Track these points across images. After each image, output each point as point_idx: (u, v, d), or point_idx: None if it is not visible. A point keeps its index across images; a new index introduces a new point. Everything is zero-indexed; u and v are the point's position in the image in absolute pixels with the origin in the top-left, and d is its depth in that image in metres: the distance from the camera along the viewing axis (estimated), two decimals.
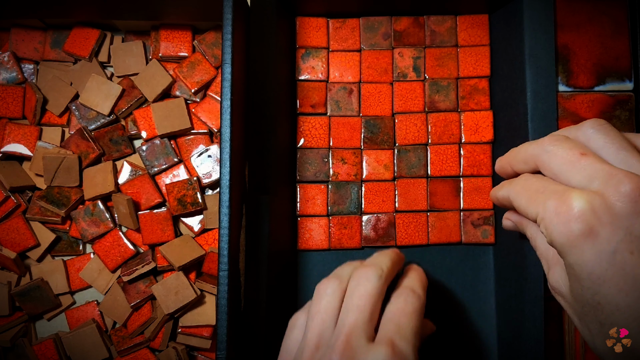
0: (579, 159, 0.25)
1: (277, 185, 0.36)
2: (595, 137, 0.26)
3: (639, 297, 0.23)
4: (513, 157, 0.30)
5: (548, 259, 0.28)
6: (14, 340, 0.38)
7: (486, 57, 0.40)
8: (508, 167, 0.31)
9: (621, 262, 0.23)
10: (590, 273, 0.24)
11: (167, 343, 0.38)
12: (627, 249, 0.23)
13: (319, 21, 0.40)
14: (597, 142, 0.26)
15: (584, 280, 0.24)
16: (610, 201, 0.23)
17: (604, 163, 0.25)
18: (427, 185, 0.39)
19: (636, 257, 0.23)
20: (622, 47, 0.37)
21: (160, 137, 0.39)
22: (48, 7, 0.36)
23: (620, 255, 0.23)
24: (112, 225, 0.38)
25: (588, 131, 0.27)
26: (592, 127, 0.27)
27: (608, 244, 0.23)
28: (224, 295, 0.30)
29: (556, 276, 0.27)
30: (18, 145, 0.39)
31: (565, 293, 0.27)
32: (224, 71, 0.31)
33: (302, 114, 0.39)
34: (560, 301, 0.28)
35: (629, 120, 0.36)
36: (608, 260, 0.23)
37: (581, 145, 0.26)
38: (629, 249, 0.23)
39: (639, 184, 0.23)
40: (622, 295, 0.23)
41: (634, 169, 0.24)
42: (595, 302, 0.24)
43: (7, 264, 0.38)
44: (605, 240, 0.23)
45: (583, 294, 0.25)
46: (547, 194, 0.26)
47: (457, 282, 0.39)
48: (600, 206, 0.23)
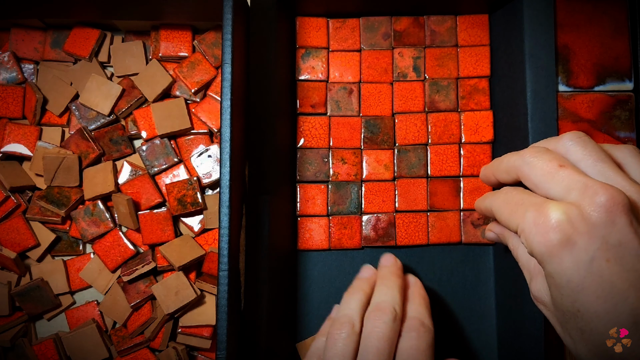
0: (557, 170, 0.26)
1: (277, 185, 0.36)
2: (573, 149, 0.27)
3: (616, 303, 0.24)
4: (496, 167, 0.31)
5: (530, 269, 0.29)
6: (14, 340, 0.38)
7: (486, 57, 0.40)
8: (492, 176, 0.32)
9: (598, 270, 0.24)
10: (569, 281, 0.24)
11: (167, 343, 0.38)
12: (604, 257, 0.24)
13: (319, 21, 0.40)
14: (575, 154, 0.27)
15: (563, 288, 0.25)
16: (586, 211, 0.24)
17: (581, 174, 0.26)
18: (427, 185, 0.39)
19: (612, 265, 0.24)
20: (622, 47, 0.37)
21: (160, 137, 0.39)
22: (48, 7, 0.36)
23: (597, 264, 0.24)
24: (112, 225, 0.38)
25: (567, 143, 0.28)
26: (571, 140, 0.28)
27: (585, 252, 0.24)
28: (224, 295, 0.30)
29: (538, 286, 0.28)
30: (18, 145, 0.39)
31: (547, 302, 0.27)
32: (224, 71, 0.31)
33: (302, 114, 0.39)
34: (543, 310, 0.28)
35: (629, 120, 0.36)
36: (586, 269, 0.24)
37: (560, 157, 0.27)
38: (605, 257, 0.24)
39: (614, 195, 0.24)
40: (600, 302, 0.24)
41: (611, 180, 0.25)
42: (575, 309, 0.25)
43: (7, 264, 0.38)
44: (583, 249, 0.24)
45: (563, 302, 0.25)
46: (527, 206, 0.27)
47: (457, 282, 0.39)
48: (577, 216, 0.24)
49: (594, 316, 0.24)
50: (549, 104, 0.35)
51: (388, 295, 0.32)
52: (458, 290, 0.39)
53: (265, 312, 0.34)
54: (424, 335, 0.31)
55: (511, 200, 0.29)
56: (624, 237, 0.24)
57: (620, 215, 0.24)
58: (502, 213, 0.29)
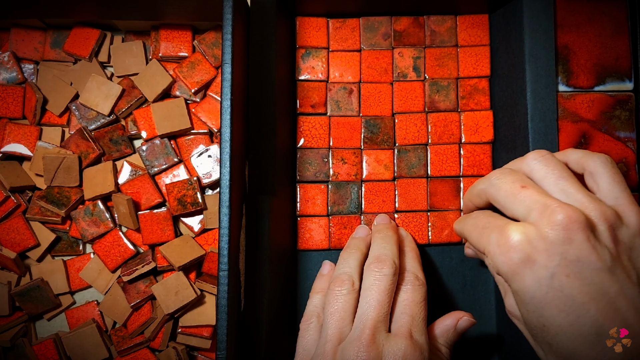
0: (519, 191, 0.28)
1: (277, 185, 0.36)
2: (536, 168, 0.29)
3: (579, 316, 0.25)
4: (470, 193, 0.33)
5: (502, 285, 0.30)
6: (14, 340, 0.38)
7: (486, 57, 0.40)
8: (469, 202, 0.34)
9: (559, 286, 0.25)
10: (533, 297, 0.26)
11: (167, 343, 0.38)
12: (563, 273, 0.25)
13: (319, 21, 0.40)
14: (538, 172, 0.29)
15: (528, 304, 0.26)
16: (544, 231, 0.25)
17: (542, 194, 0.27)
18: (427, 185, 0.39)
19: (572, 280, 0.25)
20: (622, 47, 0.37)
21: (160, 137, 0.39)
22: (48, 7, 0.36)
23: (558, 279, 0.25)
24: (112, 225, 0.38)
25: (531, 162, 0.29)
26: (534, 159, 0.29)
27: (545, 269, 0.25)
28: (224, 295, 0.30)
29: (510, 301, 0.29)
30: (18, 145, 0.39)
31: (519, 316, 0.28)
32: (224, 71, 0.31)
33: (302, 114, 0.39)
34: (517, 324, 0.29)
35: (629, 120, 0.36)
36: (547, 284, 0.25)
37: (523, 177, 0.29)
38: (565, 272, 0.25)
39: (570, 213, 0.25)
40: (563, 316, 0.25)
41: (571, 198, 0.27)
42: (541, 324, 0.26)
43: (7, 264, 0.38)
44: (543, 266, 0.25)
45: (529, 318, 0.27)
46: (491, 229, 0.28)
47: (457, 282, 0.39)
48: (535, 236, 0.25)
49: (558, 330, 0.25)
50: (549, 104, 0.35)
51: (387, 249, 0.33)
52: (458, 290, 0.39)
53: (265, 312, 0.34)
54: (418, 288, 0.32)
55: (478, 223, 0.30)
56: (582, 252, 0.25)
57: (577, 232, 0.25)
58: (471, 236, 0.31)
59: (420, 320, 0.31)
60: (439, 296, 0.39)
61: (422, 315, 0.31)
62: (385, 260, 0.32)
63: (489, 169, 0.39)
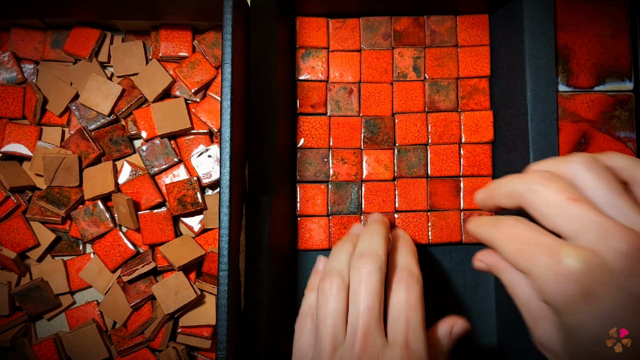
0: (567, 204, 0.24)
1: (277, 185, 0.36)
2: (584, 176, 0.25)
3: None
4: (494, 191, 0.28)
5: (532, 311, 0.27)
6: (14, 340, 0.38)
7: (486, 57, 0.40)
8: (490, 201, 0.29)
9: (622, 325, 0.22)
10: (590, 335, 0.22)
11: (167, 343, 0.38)
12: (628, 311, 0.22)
13: (319, 21, 0.40)
14: (586, 181, 0.25)
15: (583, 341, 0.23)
16: (607, 260, 0.22)
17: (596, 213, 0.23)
18: (427, 185, 0.39)
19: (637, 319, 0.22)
20: (622, 47, 0.37)
21: (160, 137, 0.39)
22: (48, 7, 0.36)
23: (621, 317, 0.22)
24: (112, 225, 0.38)
25: (576, 167, 0.25)
26: (580, 164, 0.25)
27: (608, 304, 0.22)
28: (224, 295, 0.30)
29: (545, 332, 0.26)
30: (18, 145, 0.39)
31: (557, 350, 0.26)
32: (224, 71, 0.31)
33: (302, 114, 0.39)
34: (549, 357, 0.27)
35: (629, 120, 0.36)
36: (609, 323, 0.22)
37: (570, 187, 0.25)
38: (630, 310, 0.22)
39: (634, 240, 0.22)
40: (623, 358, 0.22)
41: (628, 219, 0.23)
42: None
43: (7, 264, 0.38)
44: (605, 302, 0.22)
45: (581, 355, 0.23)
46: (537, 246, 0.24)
47: (457, 282, 0.39)
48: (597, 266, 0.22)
49: None
50: (549, 104, 0.35)
51: (372, 243, 0.32)
52: (458, 290, 0.39)
53: (265, 312, 0.34)
54: (413, 287, 0.30)
55: (516, 236, 0.26)
56: None
57: None
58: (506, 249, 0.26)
59: (417, 324, 0.29)
60: (439, 296, 0.39)
61: (419, 317, 0.29)
62: (367, 254, 0.30)
63: (489, 169, 0.39)
